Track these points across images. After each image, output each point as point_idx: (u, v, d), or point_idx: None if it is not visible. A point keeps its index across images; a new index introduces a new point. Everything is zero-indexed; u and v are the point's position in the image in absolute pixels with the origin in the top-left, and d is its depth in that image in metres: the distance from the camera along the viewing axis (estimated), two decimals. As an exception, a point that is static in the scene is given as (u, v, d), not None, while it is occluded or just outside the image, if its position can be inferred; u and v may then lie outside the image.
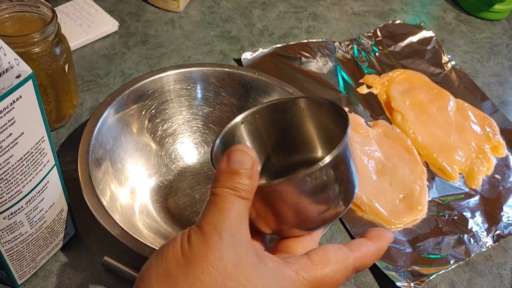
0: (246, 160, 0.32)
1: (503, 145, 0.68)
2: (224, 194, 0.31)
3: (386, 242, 0.35)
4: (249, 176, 0.32)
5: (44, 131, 0.39)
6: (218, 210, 0.31)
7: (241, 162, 0.32)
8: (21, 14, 0.53)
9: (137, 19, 0.77)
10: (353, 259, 0.34)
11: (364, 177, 0.61)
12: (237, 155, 0.32)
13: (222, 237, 0.30)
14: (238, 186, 0.31)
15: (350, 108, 0.69)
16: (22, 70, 0.35)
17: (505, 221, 0.60)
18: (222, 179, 0.32)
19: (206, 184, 0.58)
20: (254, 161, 0.32)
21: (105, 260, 0.49)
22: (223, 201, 0.31)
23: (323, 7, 0.86)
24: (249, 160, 0.32)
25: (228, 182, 0.31)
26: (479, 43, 0.84)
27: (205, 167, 0.59)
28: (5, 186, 0.38)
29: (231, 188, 0.31)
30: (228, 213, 0.31)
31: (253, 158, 0.32)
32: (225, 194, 0.31)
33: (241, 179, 0.32)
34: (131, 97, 0.56)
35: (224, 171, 0.32)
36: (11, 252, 0.43)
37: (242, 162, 0.32)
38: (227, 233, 0.30)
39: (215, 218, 0.30)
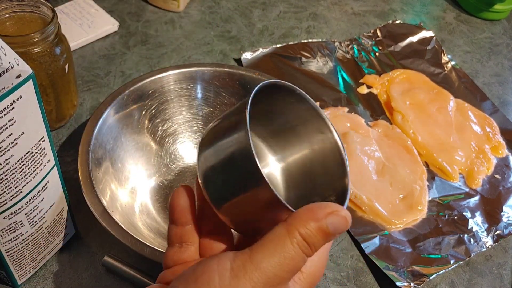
0: (340, 229, 0.29)
1: (503, 145, 0.68)
2: (295, 245, 0.29)
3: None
4: (330, 241, 0.30)
5: (44, 131, 0.39)
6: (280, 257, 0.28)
7: (336, 229, 0.29)
8: (21, 14, 0.53)
9: (137, 19, 0.77)
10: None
11: (364, 177, 0.61)
12: (337, 221, 0.29)
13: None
14: (317, 246, 0.29)
15: (350, 108, 0.69)
16: (22, 70, 0.35)
17: (505, 221, 0.60)
18: (308, 230, 0.29)
19: (206, 184, 0.58)
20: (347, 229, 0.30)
21: (105, 260, 0.49)
22: (289, 252, 0.28)
23: (323, 7, 0.86)
24: (342, 229, 0.29)
25: (313, 238, 0.29)
26: (479, 43, 0.84)
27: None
28: (5, 186, 0.38)
29: (308, 245, 0.29)
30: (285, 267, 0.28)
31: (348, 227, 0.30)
32: (296, 245, 0.29)
33: (323, 242, 0.29)
34: (131, 97, 0.56)
35: (317, 226, 0.29)
36: (11, 252, 0.43)
37: (336, 229, 0.29)
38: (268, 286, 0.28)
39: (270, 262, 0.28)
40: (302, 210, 0.29)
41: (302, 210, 0.29)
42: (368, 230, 0.57)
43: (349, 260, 0.55)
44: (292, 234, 0.29)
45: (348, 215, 0.29)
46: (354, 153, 0.62)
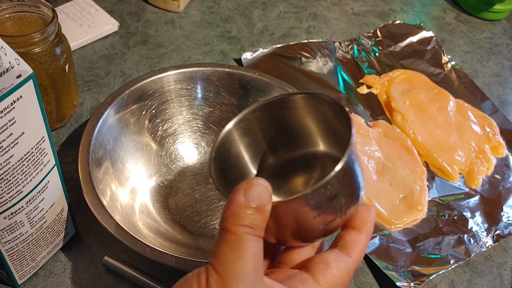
0: (265, 196, 0.30)
1: (503, 145, 0.68)
2: (242, 234, 0.29)
3: (372, 223, 0.34)
4: (266, 212, 0.30)
5: (44, 131, 0.39)
6: (237, 253, 0.29)
7: (260, 197, 0.30)
8: (21, 14, 0.53)
9: (137, 19, 0.77)
10: (353, 264, 0.33)
11: (364, 177, 0.61)
12: (257, 190, 0.30)
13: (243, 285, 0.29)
14: (256, 223, 0.30)
15: (350, 108, 0.69)
16: (23, 70, 0.35)
17: (505, 221, 0.60)
18: (239, 215, 0.30)
19: (206, 184, 0.58)
20: (271, 198, 0.31)
21: (105, 260, 0.49)
22: (241, 242, 0.29)
23: (323, 7, 0.86)
24: (268, 196, 0.30)
25: (246, 218, 0.30)
26: (479, 43, 0.84)
27: (205, 167, 0.59)
28: (5, 186, 0.38)
29: (249, 226, 0.30)
30: (248, 257, 0.29)
31: (271, 192, 0.31)
32: (242, 234, 0.29)
33: (259, 216, 0.30)
34: (131, 97, 0.56)
35: (241, 206, 0.30)
36: (11, 252, 0.43)
37: (261, 197, 0.30)
38: (247, 281, 0.29)
39: (234, 263, 0.29)
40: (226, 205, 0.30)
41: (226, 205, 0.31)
42: (368, 230, 0.57)
43: (349, 260, 0.55)
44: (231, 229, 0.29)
45: (261, 180, 0.31)
46: (354, 153, 0.62)
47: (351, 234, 0.34)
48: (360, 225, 0.34)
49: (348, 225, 0.34)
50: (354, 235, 0.33)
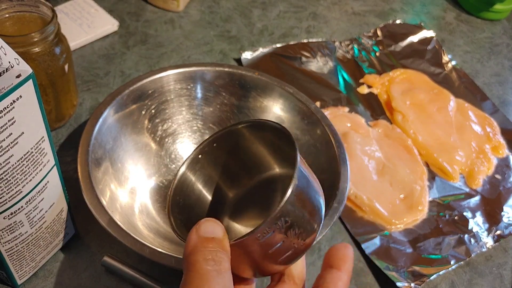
0: (217, 229, 0.32)
1: (503, 145, 0.68)
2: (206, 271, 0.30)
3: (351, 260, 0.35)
4: (225, 244, 0.31)
5: (44, 131, 0.39)
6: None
7: (213, 231, 0.32)
8: (21, 14, 0.53)
9: (137, 19, 0.77)
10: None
11: (365, 177, 0.61)
12: (207, 226, 0.32)
13: None
14: (218, 255, 0.30)
15: (351, 108, 0.69)
16: (22, 70, 0.35)
17: (505, 221, 0.60)
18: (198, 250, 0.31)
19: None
20: (224, 232, 0.32)
21: (105, 260, 0.49)
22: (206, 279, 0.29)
23: (323, 7, 0.86)
24: (219, 229, 0.32)
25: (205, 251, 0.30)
26: (479, 43, 0.84)
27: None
28: (5, 186, 0.38)
29: (212, 260, 0.30)
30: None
31: (222, 226, 0.32)
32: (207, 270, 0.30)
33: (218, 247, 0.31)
34: (130, 97, 0.56)
35: (198, 242, 0.31)
36: (11, 252, 0.43)
37: (214, 231, 0.32)
38: None
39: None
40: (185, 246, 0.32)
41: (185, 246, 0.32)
42: (368, 231, 0.57)
43: (349, 260, 0.55)
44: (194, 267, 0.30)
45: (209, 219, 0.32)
46: (355, 153, 0.62)
47: (331, 273, 0.34)
48: (339, 263, 0.34)
49: (328, 264, 0.35)
50: (335, 273, 0.34)
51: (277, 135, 0.38)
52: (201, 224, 0.32)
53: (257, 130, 0.39)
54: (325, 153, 0.55)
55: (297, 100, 0.58)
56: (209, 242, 0.31)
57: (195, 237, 0.31)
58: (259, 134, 0.39)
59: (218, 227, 0.32)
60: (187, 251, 0.31)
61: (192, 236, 0.32)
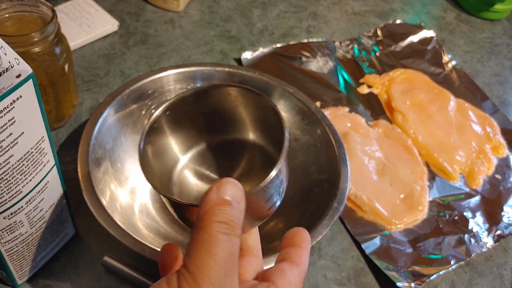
0: (238, 193, 0.31)
1: (503, 145, 0.68)
2: (215, 233, 0.29)
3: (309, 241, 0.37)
4: (241, 209, 0.31)
5: (44, 130, 0.39)
6: (211, 255, 0.29)
7: (234, 195, 0.30)
8: (21, 13, 0.53)
9: (137, 19, 0.77)
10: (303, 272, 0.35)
11: (365, 177, 0.61)
12: (228, 188, 0.30)
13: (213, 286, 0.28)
14: (232, 220, 0.30)
15: (351, 108, 0.69)
16: (23, 70, 0.35)
17: (505, 221, 0.60)
18: (213, 212, 0.29)
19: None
20: (243, 196, 0.31)
21: (105, 260, 0.49)
22: (214, 241, 0.29)
23: (323, 7, 0.86)
24: (241, 193, 0.31)
25: (220, 215, 0.29)
26: (479, 43, 0.84)
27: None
28: (5, 186, 0.38)
29: (224, 222, 0.29)
30: (221, 260, 0.28)
31: (243, 191, 0.31)
32: (216, 232, 0.29)
33: (234, 212, 0.30)
34: (131, 97, 0.56)
35: (215, 203, 0.30)
36: (11, 252, 0.43)
37: (234, 195, 0.30)
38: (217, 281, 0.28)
39: (207, 266, 0.28)
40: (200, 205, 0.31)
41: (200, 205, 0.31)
42: (368, 231, 0.57)
43: (350, 260, 0.55)
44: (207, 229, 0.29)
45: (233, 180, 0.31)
46: (355, 153, 0.62)
47: (295, 250, 0.36)
48: (300, 242, 0.37)
49: (290, 243, 0.37)
50: (298, 250, 0.36)
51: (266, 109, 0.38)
52: (223, 184, 0.31)
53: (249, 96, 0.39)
54: (325, 153, 0.55)
55: (297, 100, 0.58)
56: (227, 204, 0.30)
57: (214, 197, 0.30)
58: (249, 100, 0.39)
59: (239, 191, 0.31)
60: (202, 210, 0.30)
61: (211, 195, 0.30)
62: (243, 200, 0.31)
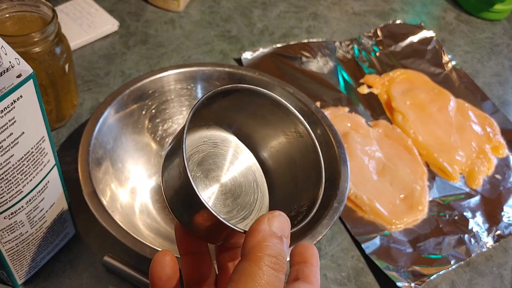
0: (286, 228, 0.30)
1: (503, 145, 0.68)
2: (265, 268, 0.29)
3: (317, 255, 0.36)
4: (287, 244, 0.30)
5: (44, 130, 0.39)
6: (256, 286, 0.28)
7: (283, 228, 0.30)
8: (21, 13, 0.53)
9: (137, 19, 0.77)
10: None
11: (365, 177, 0.61)
12: (279, 221, 0.30)
13: None
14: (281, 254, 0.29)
15: (351, 108, 0.69)
16: (23, 70, 0.35)
17: (505, 221, 0.60)
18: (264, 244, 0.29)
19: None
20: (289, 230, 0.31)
21: (105, 260, 0.49)
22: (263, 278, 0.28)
23: (324, 7, 0.86)
24: (288, 228, 0.30)
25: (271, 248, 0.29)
26: (479, 43, 0.84)
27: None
28: (5, 185, 0.38)
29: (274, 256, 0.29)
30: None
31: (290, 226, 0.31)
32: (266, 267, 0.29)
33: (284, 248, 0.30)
34: (131, 97, 0.56)
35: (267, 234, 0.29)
36: (11, 252, 0.43)
37: (284, 229, 0.30)
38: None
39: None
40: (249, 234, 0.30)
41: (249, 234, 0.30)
42: (368, 230, 0.57)
43: (350, 260, 0.55)
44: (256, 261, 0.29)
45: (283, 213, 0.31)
46: (355, 153, 0.62)
47: (307, 267, 0.35)
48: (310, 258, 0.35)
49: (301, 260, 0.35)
50: (310, 267, 0.35)
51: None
52: (275, 217, 0.30)
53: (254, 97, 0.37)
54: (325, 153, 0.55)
55: (297, 100, 0.58)
56: (278, 239, 0.30)
57: (267, 228, 0.29)
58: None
59: (287, 225, 0.31)
60: (253, 240, 0.29)
61: (263, 226, 0.30)
62: (289, 236, 0.31)
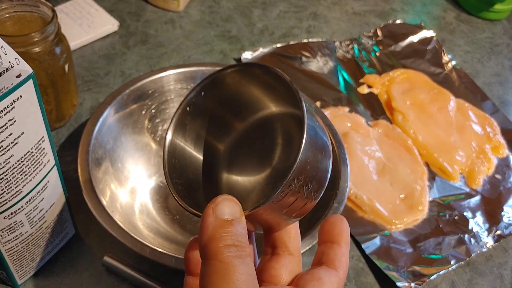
0: (235, 208, 0.29)
1: (503, 145, 0.68)
2: (229, 260, 0.27)
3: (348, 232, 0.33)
4: (243, 224, 0.29)
5: (44, 130, 0.39)
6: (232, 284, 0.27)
7: (231, 212, 0.29)
8: (21, 13, 0.53)
9: (137, 19, 0.77)
10: (343, 277, 0.32)
11: (365, 177, 0.61)
12: (225, 205, 0.29)
13: None
14: (239, 239, 0.28)
15: (351, 108, 0.69)
16: (23, 70, 0.35)
17: (505, 221, 0.60)
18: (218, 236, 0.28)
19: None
20: (241, 209, 0.29)
21: (105, 260, 0.49)
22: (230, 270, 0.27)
23: (324, 7, 0.86)
24: (238, 208, 0.29)
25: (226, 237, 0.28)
26: (479, 43, 0.84)
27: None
28: (5, 185, 0.38)
29: (234, 245, 0.28)
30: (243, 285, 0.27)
31: (240, 206, 0.30)
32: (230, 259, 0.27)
33: (238, 229, 0.28)
34: (131, 97, 0.56)
35: (216, 226, 0.28)
36: (11, 252, 0.43)
37: (232, 212, 0.29)
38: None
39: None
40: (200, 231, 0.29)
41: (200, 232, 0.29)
42: (368, 230, 0.57)
43: (350, 260, 0.55)
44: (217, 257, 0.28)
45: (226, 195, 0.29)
46: (355, 153, 0.62)
47: (333, 249, 0.33)
48: (338, 238, 0.33)
49: (326, 239, 0.33)
50: (337, 249, 0.33)
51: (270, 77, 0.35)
52: (217, 204, 0.29)
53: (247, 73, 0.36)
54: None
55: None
56: (229, 225, 0.28)
57: (212, 220, 0.28)
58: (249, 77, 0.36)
59: (236, 206, 0.29)
60: (205, 237, 0.28)
61: (208, 219, 0.28)
62: (242, 214, 0.29)
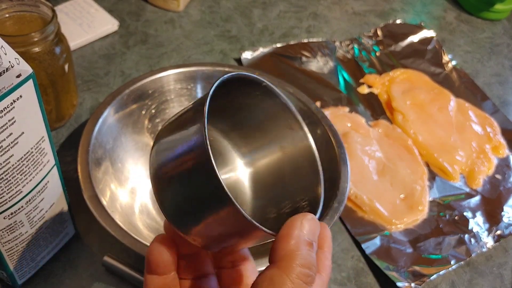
0: (317, 232, 0.29)
1: (503, 145, 0.68)
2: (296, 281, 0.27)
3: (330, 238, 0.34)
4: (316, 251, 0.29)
5: (44, 130, 0.39)
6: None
7: (314, 234, 0.29)
8: (21, 13, 0.53)
9: (137, 19, 0.77)
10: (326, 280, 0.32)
11: (365, 177, 0.61)
12: (312, 226, 0.29)
13: None
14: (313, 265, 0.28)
15: (351, 108, 0.69)
16: (23, 70, 0.35)
17: (505, 221, 0.60)
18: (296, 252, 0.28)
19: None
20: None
21: (105, 260, 0.49)
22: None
23: (324, 7, 0.86)
24: (317, 232, 0.29)
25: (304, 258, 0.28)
26: (479, 43, 0.84)
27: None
28: (5, 185, 0.38)
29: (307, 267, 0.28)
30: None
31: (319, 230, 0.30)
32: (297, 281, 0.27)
33: (314, 255, 0.28)
34: (131, 97, 0.56)
35: (300, 241, 0.28)
36: (11, 252, 0.43)
37: (314, 234, 0.29)
38: None
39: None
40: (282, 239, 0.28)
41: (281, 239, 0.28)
42: (368, 231, 0.57)
43: (350, 260, 0.55)
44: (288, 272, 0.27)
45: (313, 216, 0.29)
46: (355, 153, 0.62)
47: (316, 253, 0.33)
48: (321, 242, 0.33)
49: None
50: (320, 254, 0.33)
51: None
52: (308, 221, 0.29)
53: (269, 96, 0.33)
54: (325, 153, 0.55)
55: (297, 100, 0.58)
56: (310, 247, 0.28)
57: (299, 235, 0.28)
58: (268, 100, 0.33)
59: (318, 229, 0.29)
60: (286, 246, 0.28)
61: (295, 232, 0.28)
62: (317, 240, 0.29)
